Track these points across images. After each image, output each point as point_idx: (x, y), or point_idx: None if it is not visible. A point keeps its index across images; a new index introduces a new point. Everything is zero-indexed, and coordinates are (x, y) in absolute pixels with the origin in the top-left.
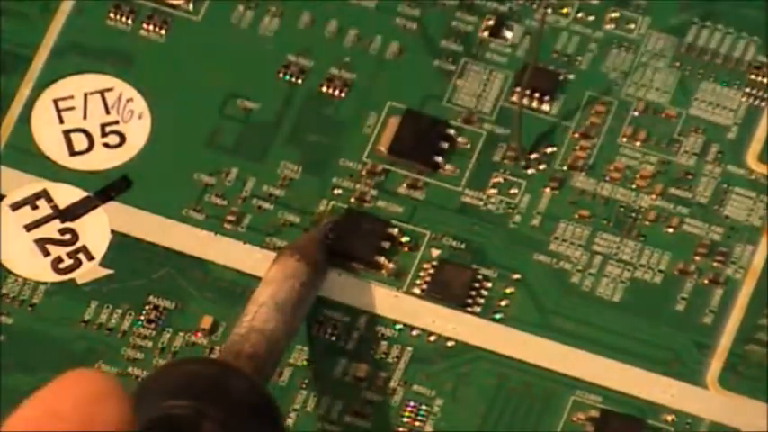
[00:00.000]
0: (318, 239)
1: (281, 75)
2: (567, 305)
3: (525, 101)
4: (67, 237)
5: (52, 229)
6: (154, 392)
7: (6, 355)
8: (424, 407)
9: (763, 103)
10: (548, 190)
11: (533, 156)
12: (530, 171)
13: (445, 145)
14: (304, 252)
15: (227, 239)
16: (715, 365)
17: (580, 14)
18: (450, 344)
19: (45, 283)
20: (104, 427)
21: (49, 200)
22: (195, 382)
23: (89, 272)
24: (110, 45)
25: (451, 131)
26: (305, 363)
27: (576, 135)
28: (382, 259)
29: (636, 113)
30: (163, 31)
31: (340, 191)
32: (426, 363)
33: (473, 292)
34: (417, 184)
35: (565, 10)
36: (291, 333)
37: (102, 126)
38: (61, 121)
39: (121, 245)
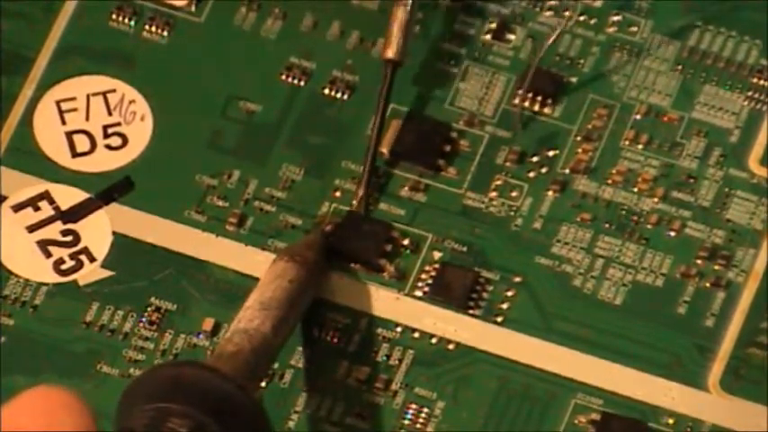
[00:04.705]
0: (312, 241)
1: (283, 77)
2: (569, 308)
3: (527, 103)
4: (69, 238)
5: (54, 231)
6: (127, 401)
7: (7, 356)
8: (425, 409)
9: (765, 107)
10: (550, 193)
11: (535, 158)
12: (531, 174)
13: (447, 147)
14: (293, 253)
15: (229, 241)
16: (716, 369)
17: (582, 18)
18: (451, 346)
19: (46, 285)
20: None
21: (51, 201)
22: (158, 384)
23: (91, 273)
24: (112, 46)
25: (453, 134)
26: (306, 365)
27: (579, 138)
28: (384, 261)
29: (638, 117)
30: (165, 33)
31: (341, 193)
32: (428, 365)
33: (474, 295)
34: (419, 186)
35: (567, 13)
36: (284, 329)
37: (105, 127)
38: (63, 123)
39: (123, 246)
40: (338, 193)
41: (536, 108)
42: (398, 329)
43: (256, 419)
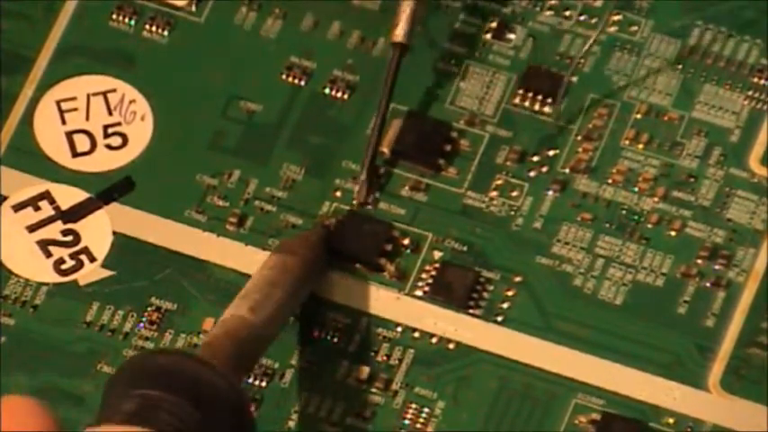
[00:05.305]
0: (306, 234)
1: (283, 76)
2: (569, 308)
3: (527, 103)
4: (69, 238)
5: (54, 231)
6: (106, 394)
7: (8, 356)
8: (425, 409)
9: (766, 107)
10: (550, 192)
11: (536, 158)
12: (532, 173)
13: (448, 147)
14: (280, 245)
15: (229, 241)
16: (717, 368)
17: (583, 17)
18: (451, 346)
19: (47, 285)
20: None
21: (52, 201)
22: (117, 380)
23: (91, 273)
24: (113, 46)
25: (454, 133)
26: (306, 365)
27: (579, 137)
28: (384, 261)
29: (638, 116)
30: (166, 33)
31: (342, 193)
32: (428, 365)
33: (475, 295)
34: (420, 186)
35: (567, 12)
36: (266, 308)
37: (105, 127)
38: (64, 123)
39: (124, 246)
40: (338, 193)
41: (536, 108)
42: (398, 329)
43: (229, 394)
